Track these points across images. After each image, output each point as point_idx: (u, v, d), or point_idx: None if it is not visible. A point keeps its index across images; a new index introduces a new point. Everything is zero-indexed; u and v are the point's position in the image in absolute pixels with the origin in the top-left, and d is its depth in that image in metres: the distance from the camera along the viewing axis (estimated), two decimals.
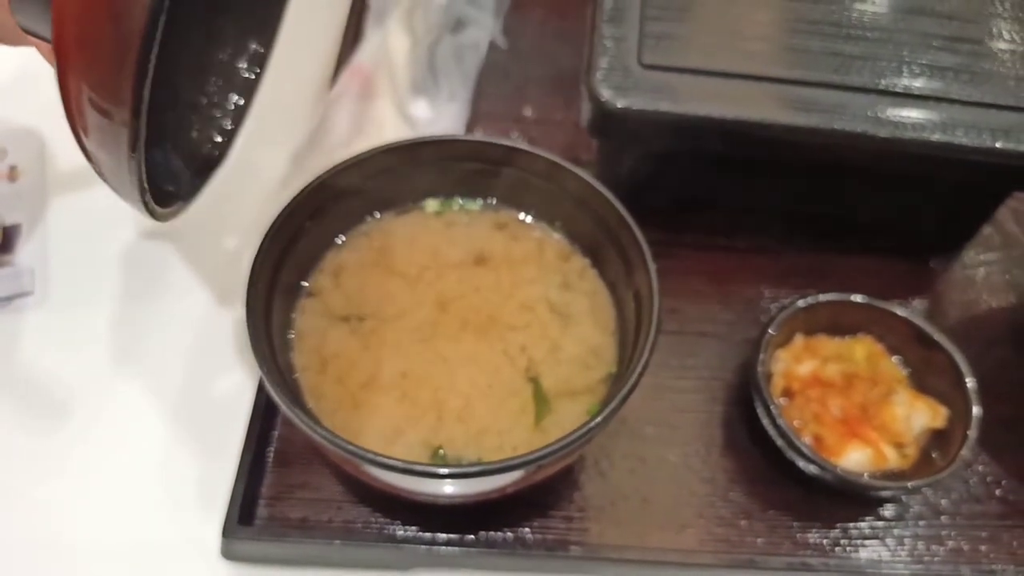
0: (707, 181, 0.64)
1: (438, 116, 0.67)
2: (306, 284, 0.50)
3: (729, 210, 0.66)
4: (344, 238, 0.52)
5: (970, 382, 0.54)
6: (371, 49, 0.69)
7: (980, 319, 0.63)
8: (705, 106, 0.53)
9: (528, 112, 0.73)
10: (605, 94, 0.54)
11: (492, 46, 0.76)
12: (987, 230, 0.68)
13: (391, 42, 0.70)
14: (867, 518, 0.54)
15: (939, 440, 0.54)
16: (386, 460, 0.39)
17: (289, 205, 0.47)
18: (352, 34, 0.74)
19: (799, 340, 0.57)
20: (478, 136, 0.52)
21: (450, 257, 0.52)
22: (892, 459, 0.53)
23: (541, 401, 0.47)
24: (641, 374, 0.43)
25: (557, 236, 0.53)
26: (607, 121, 0.55)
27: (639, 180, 0.63)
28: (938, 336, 0.55)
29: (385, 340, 0.49)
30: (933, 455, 0.54)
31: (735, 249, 0.66)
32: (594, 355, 0.49)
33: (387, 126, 0.64)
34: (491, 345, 0.49)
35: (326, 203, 0.50)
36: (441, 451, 0.45)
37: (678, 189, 0.64)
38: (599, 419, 0.41)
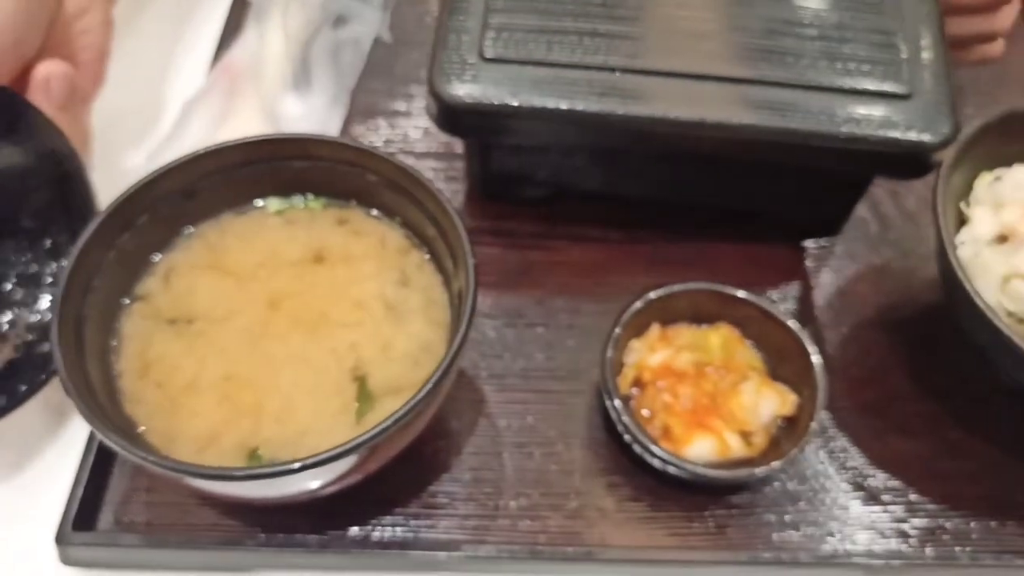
0: (577, 172, 0.63)
1: (307, 113, 0.66)
2: (134, 288, 0.50)
3: (603, 201, 0.66)
4: (177, 240, 0.52)
5: (817, 368, 0.53)
6: (245, 46, 0.69)
7: (851, 303, 0.63)
8: (544, 98, 0.53)
9: (410, 107, 0.73)
10: (444, 88, 0.53)
11: (378, 41, 0.76)
12: (864, 213, 0.68)
13: (266, 39, 0.69)
14: (718, 507, 0.54)
15: (790, 427, 0.54)
16: (165, 463, 0.38)
17: (106, 211, 0.47)
18: (232, 33, 0.73)
19: (655, 330, 0.57)
20: (309, 134, 0.51)
21: (287, 255, 0.52)
22: (736, 448, 0.52)
23: (365, 400, 0.47)
24: (448, 369, 0.43)
25: (398, 231, 0.53)
26: (449, 115, 0.55)
27: (509, 173, 0.63)
28: (790, 322, 0.55)
29: (212, 342, 0.48)
30: (783, 442, 0.53)
31: (608, 240, 0.65)
32: (425, 351, 0.48)
33: (250, 124, 0.63)
34: (320, 344, 0.48)
35: (154, 205, 0.49)
36: (258, 453, 0.45)
37: (549, 181, 0.64)
38: (398, 416, 0.40)
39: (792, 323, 0.55)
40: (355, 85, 0.73)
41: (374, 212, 0.53)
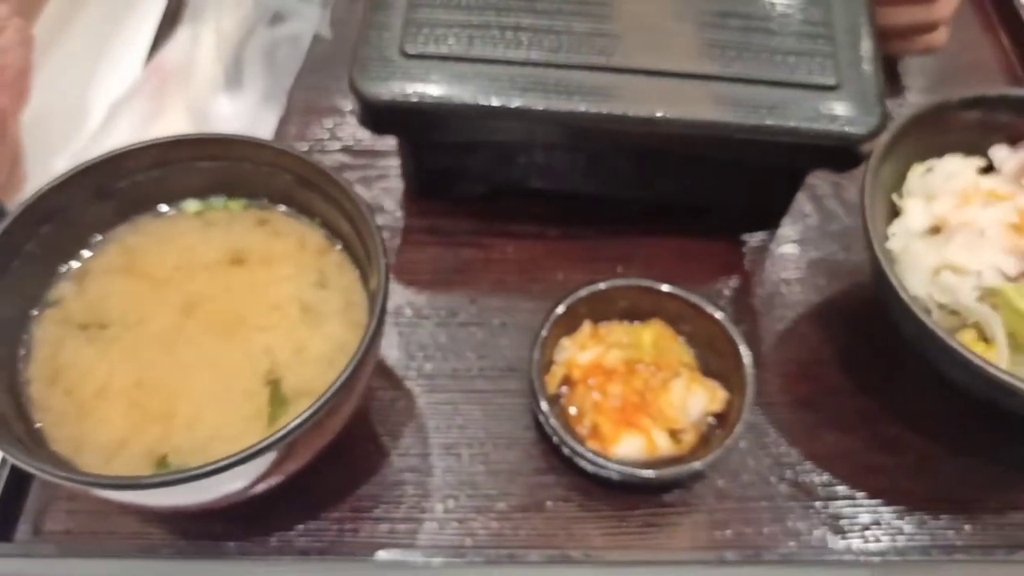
0: (512, 169, 0.62)
1: (238, 113, 0.65)
2: (47, 293, 0.49)
3: (540, 197, 0.65)
4: (91, 244, 0.51)
5: (747, 364, 0.52)
6: (177, 46, 0.68)
7: (790, 298, 0.62)
8: (464, 94, 0.52)
9: (350, 104, 0.72)
10: (365, 86, 0.52)
11: (318, 38, 0.75)
12: (806, 206, 0.67)
13: (199, 38, 0.68)
14: (649, 506, 0.53)
15: (721, 424, 0.53)
16: (60, 473, 0.38)
17: (9, 217, 0.46)
18: (167, 33, 0.72)
19: (586, 328, 0.56)
20: (222, 134, 0.50)
21: (204, 258, 0.51)
22: (664, 446, 0.52)
23: (278, 404, 0.46)
24: (356, 370, 0.42)
25: (319, 231, 0.52)
26: (370, 113, 0.54)
27: (442, 170, 0.62)
28: (720, 316, 0.54)
29: (124, 348, 0.47)
30: (713, 440, 0.53)
31: (545, 236, 0.65)
32: (342, 353, 0.48)
33: (178, 125, 0.62)
34: (234, 348, 0.48)
35: (65, 208, 0.48)
36: (167, 460, 0.44)
37: (484, 178, 0.63)
38: (300, 421, 0.40)
39: (723, 318, 0.54)
40: (293, 83, 0.72)
41: (294, 212, 0.52)
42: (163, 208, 0.52)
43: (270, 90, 0.69)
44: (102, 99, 0.66)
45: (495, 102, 0.51)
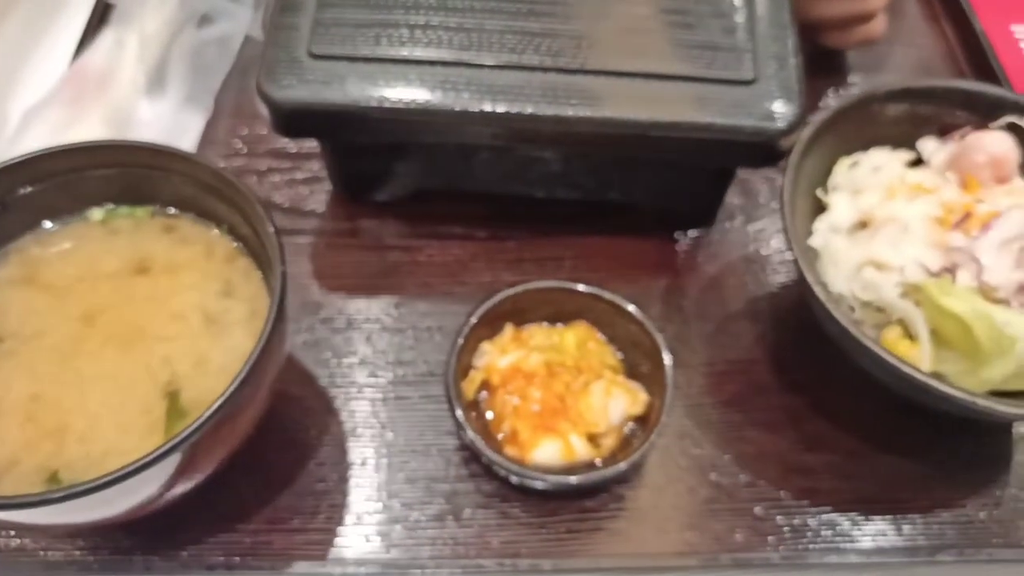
0: (436, 170, 0.61)
1: (158, 117, 0.64)
2: None
3: (468, 198, 0.64)
4: None
5: (667, 365, 0.51)
6: (99, 50, 0.67)
7: (720, 296, 0.61)
8: (370, 95, 0.51)
9: None
10: (271, 89, 0.51)
11: (249, 39, 0.74)
12: (740, 202, 0.66)
13: (122, 41, 0.67)
14: (570, 511, 0.52)
15: (643, 427, 0.52)
16: None
17: None
18: (92, 37, 0.71)
19: (508, 331, 0.55)
20: (125, 141, 0.49)
21: (107, 267, 0.50)
22: (581, 451, 0.51)
23: (176, 416, 0.45)
24: (245, 382, 0.41)
25: (227, 238, 0.51)
26: (278, 116, 0.52)
27: (366, 173, 0.61)
28: (639, 316, 0.53)
29: (20, 362, 0.46)
30: (634, 443, 0.52)
31: (473, 238, 0.64)
32: (244, 364, 0.46)
33: (95, 131, 0.61)
34: (134, 360, 0.46)
35: None
36: (59, 476, 0.43)
37: (411, 179, 0.62)
38: (181, 437, 0.39)
39: (643, 318, 0.53)
40: (222, 85, 0.70)
41: (202, 220, 0.51)
42: (67, 217, 0.51)
43: (196, 93, 0.67)
44: (21, 105, 0.64)
45: (403, 103, 0.50)
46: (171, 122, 0.65)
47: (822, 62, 0.74)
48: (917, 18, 0.79)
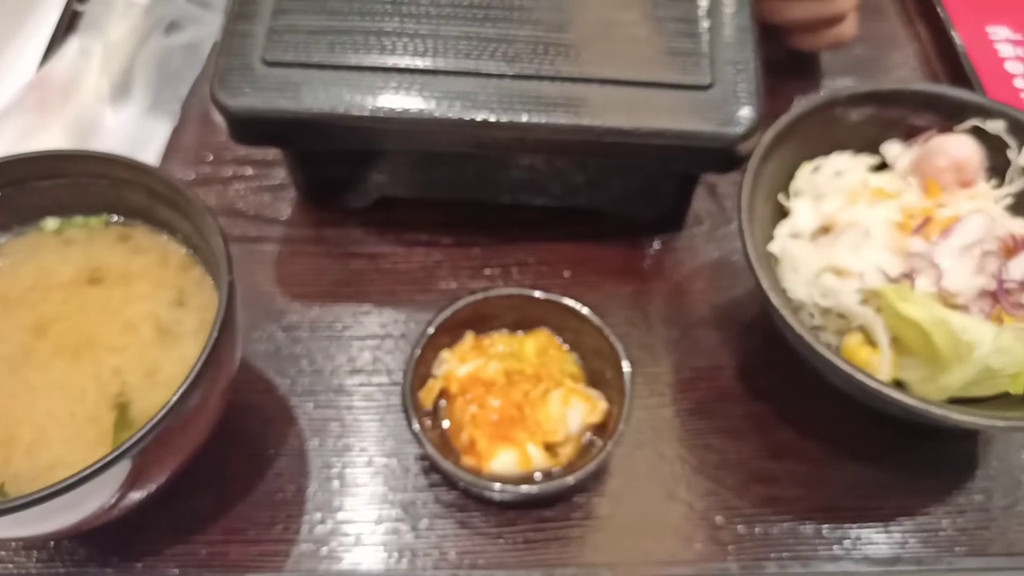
0: (399, 176, 0.61)
1: (122, 125, 0.64)
2: None
3: (434, 204, 0.63)
4: None
5: (626, 372, 0.51)
6: (64, 60, 0.66)
7: (687, 301, 0.61)
8: (322, 102, 0.51)
9: None
10: (223, 97, 0.51)
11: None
12: (710, 207, 0.66)
13: (88, 49, 0.67)
14: (528, 521, 0.52)
15: (602, 435, 0.52)
16: None
17: None
18: (58, 46, 0.71)
19: (468, 339, 0.55)
20: (74, 151, 0.49)
21: (61, 277, 0.49)
22: (538, 460, 0.50)
23: (124, 427, 0.44)
24: (191, 388, 0.40)
25: (179, 246, 0.50)
26: (233, 124, 0.52)
27: (329, 179, 0.60)
28: (600, 324, 0.53)
29: None
30: (593, 452, 0.51)
31: (438, 244, 0.63)
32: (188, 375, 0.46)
33: (58, 140, 0.61)
34: (84, 371, 0.46)
35: None
36: (4, 489, 0.43)
37: (374, 186, 0.62)
38: (116, 454, 0.38)
39: (604, 326, 0.53)
40: (190, 92, 0.70)
41: (157, 228, 0.51)
42: (21, 227, 0.51)
43: (162, 100, 0.67)
44: None
45: (357, 110, 0.50)
46: (136, 130, 0.64)
47: (793, 65, 0.73)
48: (892, 20, 0.79)
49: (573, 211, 0.63)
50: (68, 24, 0.72)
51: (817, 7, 0.66)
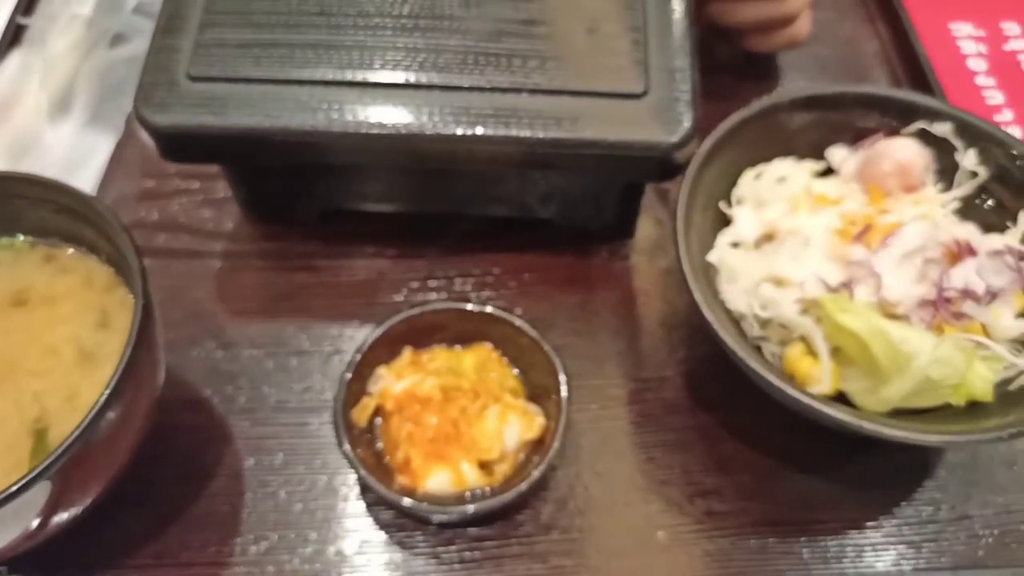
0: (341, 189, 0.60)
1: (61, 141, 0.63)
2: None
3: (379, 216, 0.63)
4: None
5: (563, 386, 0.50)
6: (4, 75, 0.66)
7: (635, 310, 0.60)
8: (245, 118, 0.50)
9: None
10: (147, 113, 0.50)
11: None
12: (661, 214, 0.64)
13: (30, 66, 0.66)
14: (465, 540, 0.51)
15: (540, 452, 0.51)
16: None
17: None
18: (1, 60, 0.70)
19: (406, 354, 0.54)
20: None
21: None
22: (472, 479, 0.49)
23: (41, 454, 0.44)
24: (99, 414, 0.40)
25: (104, 266, 0.50)
26: (160, 141, 0.51)
27: (271, 193, 0.60)
28: (538, 337, 0.52)
29: None
30: (530, 469, 0.50)
31: (384, 256, 0.62)
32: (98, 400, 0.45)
33: None
34: (2, 397, 0.45)
35: None
36: None
37: (316, 199, 0.61)
38: (39, 469, 0.38)
39: (542, 340, 0.52)
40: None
41: (84, 248, 0.50)
42: None
43: (105, 114, 0.66)
44: None
45: (283, 125, 0.49)
46: (77, 145, 0.63)
47: (749, 67, 0.72)
48: (852, 18, 0.77)
49: (521, 220, 0.62)
50: (12, 39, 0.71)
51: (767, 8, 0.64)
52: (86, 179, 0.63)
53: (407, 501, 0.47)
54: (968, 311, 0.47)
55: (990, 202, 0.53)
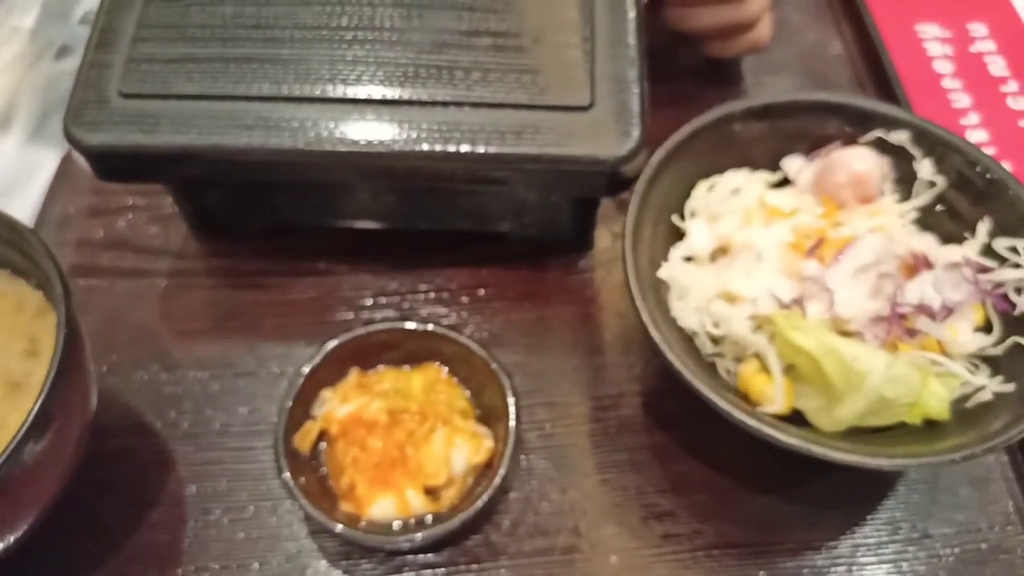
0: (287, 205, 0.59)
1: (3, 155, 0.61)
2: None
3: (330, 231, 0.61)
4: None
5: (511, 407, 0.49)
6: None
7: (585, 325, 0.58)
8: (177, 136, 0.48)
9: None
10: (76, 132, 0.49)
11: None
12: (619, 226, 0.63)
13: None
14: (414, 567, 0.50)
15: (488, 476, 0.49)
16: None
17: None
18: None
19: (353, 376, 0.52)
20: None
21: None
22: (417, 505, 0.48)
23: None
24: (21, 444, 0.38)
25: (36, 291, 0.48)
26: (90, 160, 0.50)
27: (214, 209, 0.58)
28: (486, 356, 0.50)
29: None
30: (476, 495, 0.49)
31: (334, 273, 0.61)
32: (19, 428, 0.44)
33: None
34: None
35: None
36: None
37: (262, 217, 0.59)
38: None
39: (491, 359, 0.50)
40: None
41: (15, 273, 0.49)
42: None
43: (50, 128, 0.64)
44: None
45: (216, 142, 0.47)
46: (19, 161, 0.62)
47: (713, 72, 0.71)
48: (818, 20, 0.76)
49: (476, 235, 0.61)
50: None
51: (725, 13, 0.63)
52: (29, 196, 0.62)
53: (348, 531, 0.46)
54: (923, 327, 0.46)
55: (948, 212, 0.52)
